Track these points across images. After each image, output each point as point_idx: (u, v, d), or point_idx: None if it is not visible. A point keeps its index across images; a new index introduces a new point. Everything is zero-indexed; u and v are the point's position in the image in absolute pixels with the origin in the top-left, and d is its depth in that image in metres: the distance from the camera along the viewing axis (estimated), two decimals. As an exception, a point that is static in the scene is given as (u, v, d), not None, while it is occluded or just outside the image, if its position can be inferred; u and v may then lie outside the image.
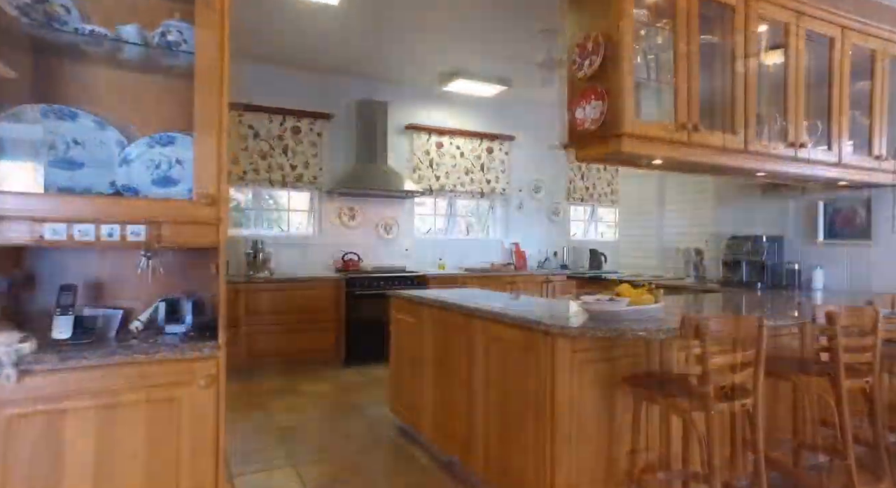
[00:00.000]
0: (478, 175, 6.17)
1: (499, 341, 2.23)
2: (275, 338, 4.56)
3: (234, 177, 4.91)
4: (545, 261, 6.51)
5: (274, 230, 5.28)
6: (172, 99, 1.71)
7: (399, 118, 5.75)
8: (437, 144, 5.93)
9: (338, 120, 5.41)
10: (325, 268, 5.35)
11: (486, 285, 5.52)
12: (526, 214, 6.51)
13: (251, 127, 4.98)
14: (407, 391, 3.11)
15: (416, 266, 5.80)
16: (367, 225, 5.60)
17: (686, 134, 2.22)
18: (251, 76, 4.99)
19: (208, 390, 1.50)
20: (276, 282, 4.58)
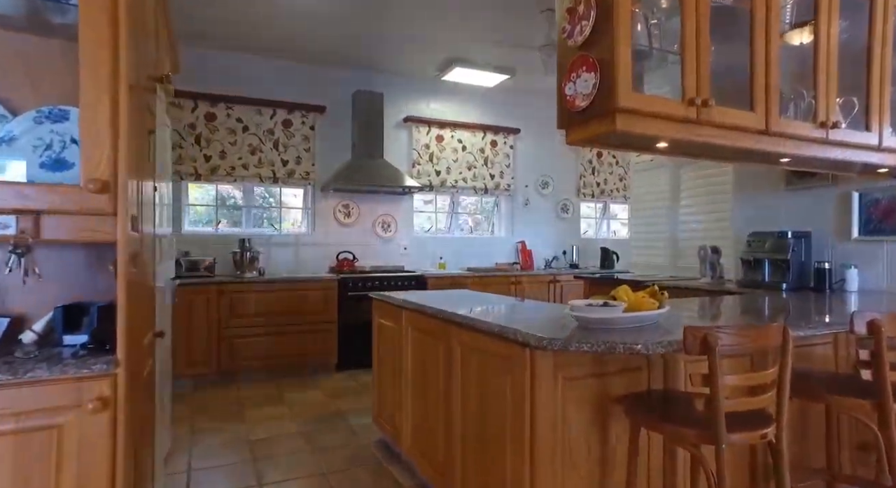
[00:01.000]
0: (481, 170, 5.86)
1: (476, 352, 1.93)
2: (262, 342, 4.32)
3: (223, 172, 4.69)
4: (553, 260, 6.17)
5: (265, 228, 5.04)
6: (69, 66, 1.45)
7: (397, 110, 5.47)
8: (437, 138, 5.64)
9: (332, 112, 5.16)
10: (319, 269, 5.10)
11: (489, 286, 5.21)
12: (532, 211, 6.18)
13: (240, 120, 4.75)
14: (388, 402, 2.82)
15: (416, 266, 5.52)
16: (364, 223, 5.34)
17: (694, 110, 1.89)
18: (239, 67, 4.76)
19: (99, 416, 1.24)
20: (265, 283, 4.34)
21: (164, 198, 2.54)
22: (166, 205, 2.80)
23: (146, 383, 1.75)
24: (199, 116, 4.61)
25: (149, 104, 1.81)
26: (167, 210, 2.86)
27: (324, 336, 4.55)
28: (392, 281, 4.85)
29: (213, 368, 4.16)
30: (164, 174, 2.53)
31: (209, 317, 4.15)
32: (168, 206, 2.91)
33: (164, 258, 2.60)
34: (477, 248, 5.89)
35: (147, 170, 1.73)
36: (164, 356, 2.67)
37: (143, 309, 1.59)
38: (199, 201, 4.83)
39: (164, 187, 2.61)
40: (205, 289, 4.13)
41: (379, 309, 2.98)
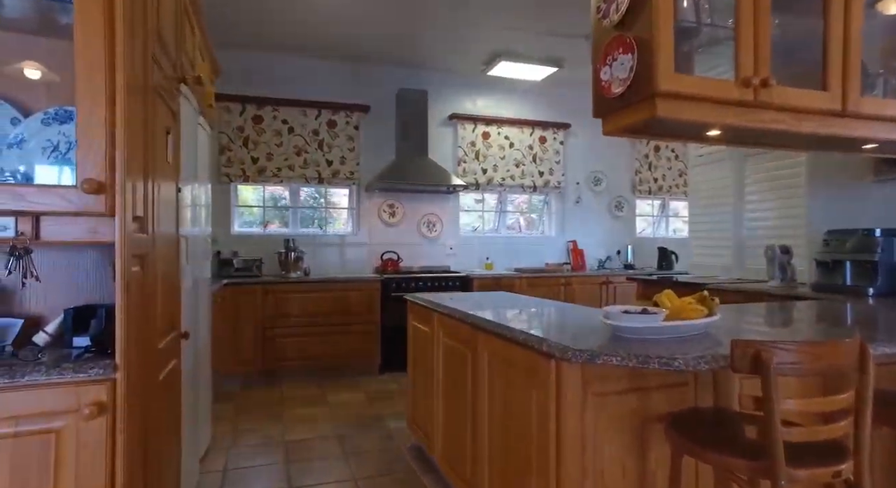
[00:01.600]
0: (530, 167, 5.67)
1: (502, 361, 1.80)
2: (306, 343, 4.35)
3: (269, 173, 4.77)
4: (606, 260, 5.88)
5: (312, 229, 5.09)
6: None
7: (441, 108, 5.38)
8: (483, 135, 5.50)
9: (376, 112, 5.14)
10: (363, 269, 5.10)
11: (537, 287, 5.02)
12: (584, 209, 5.91)
13: (285, 121, 4.82)
14: (421, 407, 2.73)
15: (462, 266, 5.40)
16: (409, 222, 5.28)
17: (751, 91, 1.66)
18: (284, 69, 4.83)
19: (96, 422, 1.20)
20: (309, 283, 4.37)
21: (198, 199, 2.56)
22: (202, 206, 2.83)
23: (166, 385, 1.74)
24: (247, 119, 4.71)
25: (169, 104, 1.80)
26: (204, 211, 2.90)
27: (367, 337, 4.53)
28: (436, 282, 4.76)
29: (258, 367, 4.23)
30: (197, 175, 2.55)
31: (255, 316, 4.22)
32: (205, 207, 2.95)
33: (199, 258, 2.62)
34: (526, 248, 5.70)
35: (164, 171, 1.71)
36: (202, 355, 2.70)
37: (156, 310, 1.57)
38: (252, 202, 4.94)
39: (198, 189, 2.63)
40: (251, 289, 4.21)
41: (413, 311, 2.89)
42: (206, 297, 2.96)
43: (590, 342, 1.43)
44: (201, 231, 2.71)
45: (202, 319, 2.75)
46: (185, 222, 2.20)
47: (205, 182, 2.94)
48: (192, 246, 2.37)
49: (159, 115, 1.65)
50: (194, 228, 2.47)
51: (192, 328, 2.43)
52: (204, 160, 2.92)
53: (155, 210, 1.58)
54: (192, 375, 2.43)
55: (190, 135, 2.34)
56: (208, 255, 3.02)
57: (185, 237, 2.09)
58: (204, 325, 2.83)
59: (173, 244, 1.87)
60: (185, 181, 2.25)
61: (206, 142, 2.94)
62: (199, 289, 2.67)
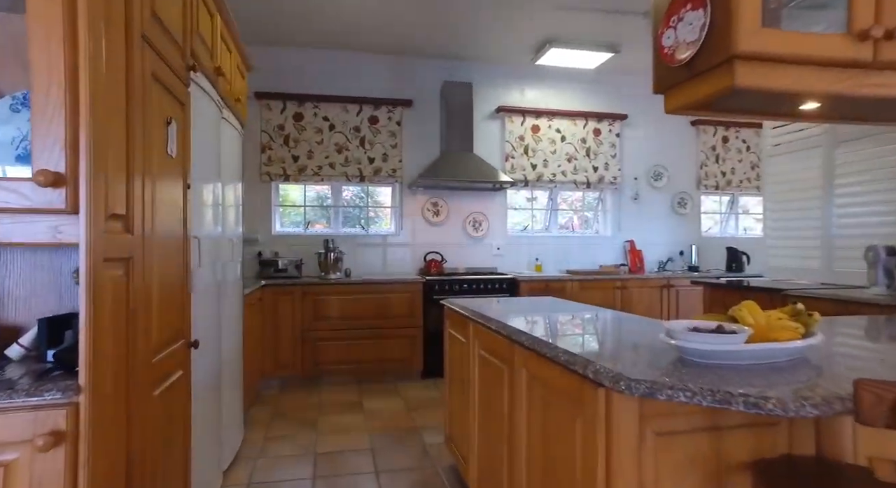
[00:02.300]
0: (583, 162, 5.29)
1: (542, 383, 1.52)
2: (346, 346, 4.20)
3: (310, 172, 4.66)
4: (667, 262, 5.41)
5: (354, 228, 4.95)
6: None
7: (487, 100, 5.11)
8: (532, 128, 5.18)
9: (419, 106, 4.93)
10: (406, 270, 4.91)
11: (589, 291, 4.65)
12: (643, 206, 5.46)
13: (326, 118, 4.70)
14: (457, 424, 2.48)
15: (509, 267, 5.11)
16: (453, 221, 5.04)
17: (870, 47, 1.29)
18: (324, 64, 4.71)
19: (53, 453, 1.03)
20: (348, 285, 4.22)
21: (222, 199, 2.43)
22: (231, 206, 2.71)
23: (166, 399, 1.58)
24: (287, 117, 4.62)
25: (173, 92, 1.64)
26: (233, 211, 2.78)
27: (409, 341, 4.33)
28: (480, 284, 4.50)
29: (297, 370, 4.11)
30: (221, 173, 2.41)
31: (294, 318, 4.11)
32: (235, 207, 2.82)
33: (226, 260, 2.49)
34: (578, 249, 5.33)
35: (164, 165, 1.55)
36: (229, 361, 2.58)
37: (149, 320, 1.40)
38: (297, 201, 4.85)
39: (223, 187, 2.50)
40: (289, 290, 4.10)
41: (449, 318, 2.65)
42: (236, 301, 2.83)
43: (650, 368, 1.13)
44: (229, 232, 2.59)
45: (229, 324, 2.62)
46: (206, 223, 2.06)
47: (234, 180, 2.82)
48: (212, 247, 2.23)
49: (155, 103, 1.49)
50: (217, 229, 2.33)
51: (215, 334, 2.30)
52: (233, 158, 2.80)
53: (148, 208, 1.42)
54: (215, 382, 2.29)
55: (209, 129, 2.20)
56: (238, 257, 2.90)
57: (198, 238, 1.93)
58: (232, 330, 2.71)
59: (178, 246, 1.71)
60: (204, 179, 2.11)
61: (234, 139, 2.82)
62: (226, 293, 2.54)
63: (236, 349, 2.85)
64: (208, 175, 2.20)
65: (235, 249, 2.80)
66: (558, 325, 1.78)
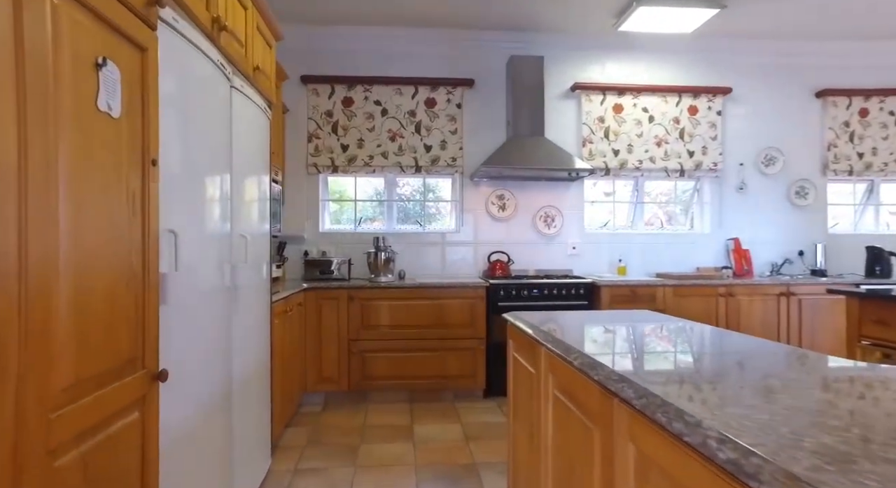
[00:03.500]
0: (676, 145, 4.48)
1: (666, 474, 0.89)
2: (397, 359, 3.70)
3: (360, 162, 4.20)
4: (783, 264, 4.47)
5: (409, 225, 4.45)
6: None
7: (561, 77, 4.43)
8: (614, 107, 4.44)
9: (481, 86, 4.35)
10: (467, 272, 4.34)
11: (686, 299, 3.87)
12: (751, 198, 4.56)
13: (378, 102, 4.22)
14: (524, 473, 1.87)
15: (587, 269, 4.41)
16: (522, 217, 4.41)
17: None
18: (375, 42, 4.23)
19: None
20: (401, 289, 3.71)
21: (232, 191, 1.97)
22: (253, 200, 2.26)
23: (94, 465, 1.10)
24: (336, 102, 4.19)
25: (113, 23, 1.16)
26: (257, 206, 2.33)
27: (469, 355, 3.76)
28: (554, 289, 3.84)
29: (343, 385, 3.66)
30: (233, 160, 1.95)
31: (339, 326, 3.66)
32: (258, 202, 2.38)
33: (241, 261, 2.04)
34: (669, 248, 4.52)
35: (92, 128, 1.07)
36: (248, 380, 2.12)
37: (48, 352, 0.93)
38: (349, 195, 4.42)
39: (243, 175, 2.05)
40: (335, 294, 3.65)
41: (514, 336, 2.04)
42: (259, 307, 2.39)
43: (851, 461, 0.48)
44: (247, 228, 2.13)
45: (247, 335, 2.17)
46: (200, 216, 1.60)
47: (256, 168, 2.37)
48: (211, 246, 1.77)
49: (67, 33, 1.01)
50: (223, 225, 1.87)
51: (221, 349, 1.84)
52: (255, 140, 2.35)
53: (39, 179, 0.94)
54: (219, 412, 1.83)
55: (205, 97, 1.74)
56: (263, 258, 2.46)
57: (174, 233, 1.46)
58: (253, 342, 2.26)
59: (130, 243, 1.24)
60: (197, 160, 1.64)
61: (257, 120, 2.37)
62: (242, 299, 2.09)
63: (260, 364, 2.40)
64: (207, 155, 1.74)
65: (257, 249, 2.35)
66: (693, 369, 1.13)
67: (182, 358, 1.51)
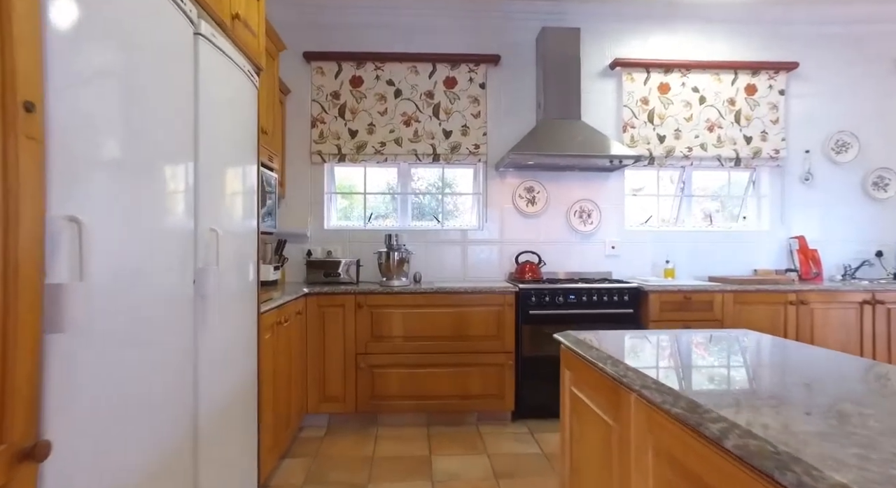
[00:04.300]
0: (730, 130, 3.91)
1: None
2: (412, 376, 3.19)
3: (370, 150, 3.70)
4: (860, 266, 3.87)
5: (427, 222, 3.94)
6: None
7: (599, 52, 3.89)
8: (660, 87, 3.88)
9: (508, 63, 3.82)
10: (493, 274, 3.82)
11: (748, 306, 3.31)
12: (818, 190, 3.97)
13: (391, 82, 3.72)
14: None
15: (628, 271, 3.87)
16: (554, 211, 3.88)
17: None
18: (388, 14, 3.72)
19: None
20: (417, 294, 3.20)
21: (200, 174, 1.47)
22: (239, 192, 1.76)
23: None
24: (344, 82, 3.69)
25: None
26: (242, 199, 1.83)
27: (496, 371, 3.23)
28: (593, 295, 3.30)
29: (349, 406, 3.16)
30: (199, 140, 1.46)
31: (345, 337, 3.16)
32: (243, 195, 1.88)
33: (216, 263, 1.54)
34: (721, 248, 3.95)
35: None
36: (226, 409, 1.63)
37: None
38: (357, 188, 3.92)
39: (217, 155, 1.55)
40: (340, 300, 3.15)
41: (571, 363, 1.52)
42: (240, 319, 1.89)
43: None
44: (226, 223, 1.64)
45: (224, 355, 1.67)
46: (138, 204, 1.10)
47: (240, 151, 1.88)
48: (154, 245, 1.28)
49: None
50: (185, 222, 1.37)
51: (173, 384, 1.35)
52: (237, 114, 1.86)
53: None
54: (178, 458, 1.34)
55: (149, 39, 1.24)
56: (247, 259, 1.96)
57: (78, 222, 0.96)
58: (230, 362, 1.76)
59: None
60: (137, 131, 1.15)
61: (239, 88, 1.88)
62: (216, 310, 1.59)
63: (243, 387, 1.91)
64: (147, 117, 1.24)
65: (238, 248, 1.86)
66: None
67: (92, 415, 1.01)
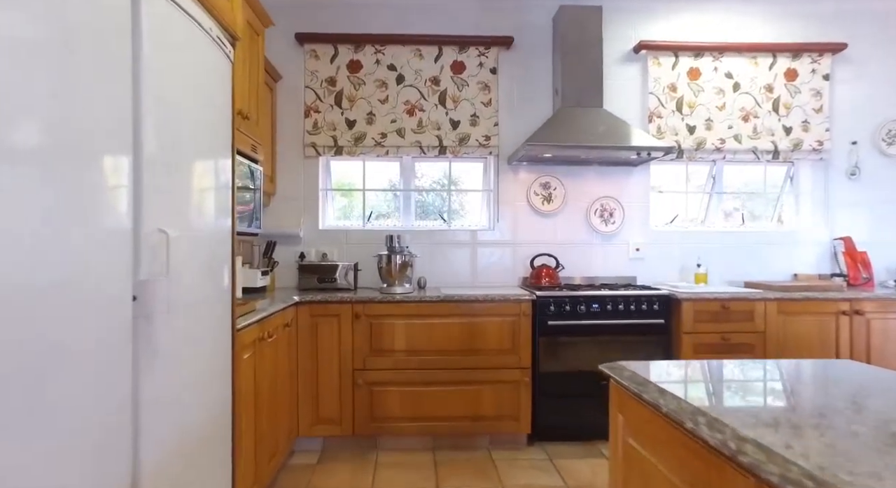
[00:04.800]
0: (767, 120, 3.54)
1: None
2: (416, 395, 2.83)
3: (370, 142, 3.35)
4: (915, 270, 3.50)
5: (432, 221, 3.58)
6: None
7: (621, 34, 3.52)
8: (690, 72, 3.51)
9: (522, 46, 3.46)
10: (506, 280, 3.46)
11: (793, 316, 2.95)
12: (867, 186, 3.59)
13: (392, 67, 3.36)
14: None
15: (654, 277, 3.50)
16: (572, 210, 3.52)
17: None
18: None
19: None
20: (422, 303, 2.84)
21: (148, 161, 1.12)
22: (210, 187, 1.41)
23: None
24: (341, 66, 3.34)
25: None
26: (213, 196, 1.48)
27: (511, 389, 2.87)
28: (619, 304, 2.94)
29: (346, 429, 2.80)
30: (142, 131, 1.10)
31: (341, 351, 2.81)
32: (215, 190, 1.53)
33: (185, 268, 1.19)
34: (755, 250, 3.58)
35: None
36: (203, 447, 1.27)
37: None
38: (356, 184, 3.57)
39: (181, 146, 1.20)
40: (335, 309, 2.80)
41: (626, 406, 1.15)
42: (212, 340, 1.54)
43: None
44: (185, 223, 1.28)
45: (186, 379, 1.32)
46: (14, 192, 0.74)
47: (208, 136, 1.53)
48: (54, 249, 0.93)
49: None
50: (118, 214, 1.02)
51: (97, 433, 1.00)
52: (206, 93, 1.51)
53: None
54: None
55: None
56: (219, 266, 1.62)
57: None
58: (197, 385, 1.41)
59: None
60: None
61: (206, 58, 1.52)
62: (161, 334, 1.24)
63: (214, 419, 1.56)
64: (64, 97, 0.89)
65: (203, 252, 1.51)
66: None
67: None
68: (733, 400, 0.92)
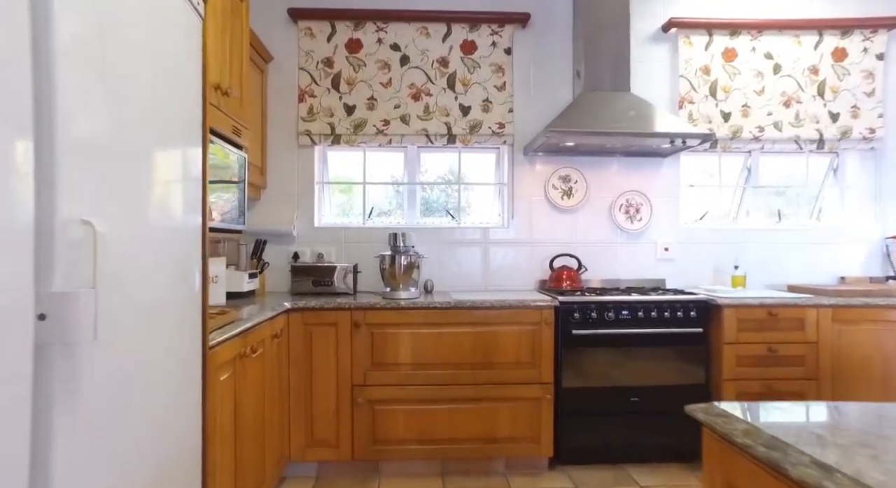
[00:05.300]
0: (811, 105, 3.19)
1: None
2: (423, 413, 2.50)
3: (371, 130, 3.02)
4: (980, 272, 3.14)
5: (439, 218, 3.25)
6: None
7: (649, 11, 3.18)
8: (725, 53, 3.17)
9: (539, 24, 3.13)
10: (522, 283, 3.13)
11: (852, 326, 2.61)
12: (923, 178, 3.24)
13: (396, 47, 3.03)
14: None
15: (686, 280, 3.16)
16: (595, 205, 3.18)
17: None
18: (395, -38, 3.04)
19: None
20: (429, 309, 2.51)
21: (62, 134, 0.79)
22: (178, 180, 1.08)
23: None
24: (338, 46, 3.01)
25: None
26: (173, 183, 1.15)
27: (530, 407, 2.54)
28: (652, 310, 2.61)
29: (344, 453, 2.48)
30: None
31: (338, 364, 2.48)
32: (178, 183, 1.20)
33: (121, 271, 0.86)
34: (796, 249, 3.23)
35: None
36: None
37: None
38: (355, 177, 3.24)
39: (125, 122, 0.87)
40: (332, 317, 2.47)
41: (732, 463, 0.82)
42: (177, 359, 1.21)
43: None
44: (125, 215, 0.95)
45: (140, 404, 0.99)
46: None
47: (174, 122, 1.20)
48: None
49: None
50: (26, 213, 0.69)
51: None
52: (165, 61, 1.18)
53: None
54: None
55: None
56: (186, 270, 1.29)
57: None
58: (154, 425, 1.08)
59: None
60: None
61: (165, 16, 1.19)
62: (85, 361, 0.91)
63: (173, 460, 1.23)
64: None
65: (157, 252, 1.18)
66: None
67: None
68: (881, 464, 0.59)
